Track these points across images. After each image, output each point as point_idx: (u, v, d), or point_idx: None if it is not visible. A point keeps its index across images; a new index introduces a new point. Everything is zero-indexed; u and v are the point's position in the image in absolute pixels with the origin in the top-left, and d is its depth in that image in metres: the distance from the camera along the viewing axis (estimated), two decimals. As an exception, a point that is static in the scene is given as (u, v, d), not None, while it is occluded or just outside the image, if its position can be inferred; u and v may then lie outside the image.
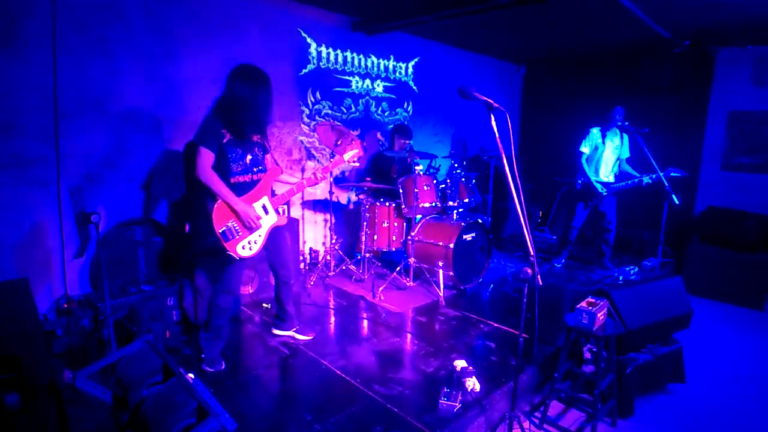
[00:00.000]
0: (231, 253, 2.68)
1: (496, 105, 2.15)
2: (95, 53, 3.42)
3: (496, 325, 3.63)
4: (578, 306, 2.78)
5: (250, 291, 4.11)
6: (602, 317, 2.82)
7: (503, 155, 2.13)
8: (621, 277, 5.00)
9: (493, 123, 2.18)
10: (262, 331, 3.41)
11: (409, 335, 3.44)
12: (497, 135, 2.15)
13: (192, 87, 3.97)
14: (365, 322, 3.68)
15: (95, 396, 2.25)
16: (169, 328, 3.00)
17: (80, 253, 2.39)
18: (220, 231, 2.65)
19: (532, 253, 2.11)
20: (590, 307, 2.75)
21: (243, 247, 2.72)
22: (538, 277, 2.15)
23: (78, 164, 3.43)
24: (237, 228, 2.70)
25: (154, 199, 3.89)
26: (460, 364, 2.85)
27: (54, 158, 3.29)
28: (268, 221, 2.84)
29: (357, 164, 3.27)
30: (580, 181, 5.11)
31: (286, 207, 4.40)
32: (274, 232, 2.90)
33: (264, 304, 3.88)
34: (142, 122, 3.74)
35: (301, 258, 4.84)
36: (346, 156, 3.08)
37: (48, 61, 3.19)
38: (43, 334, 2.54)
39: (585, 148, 4.98)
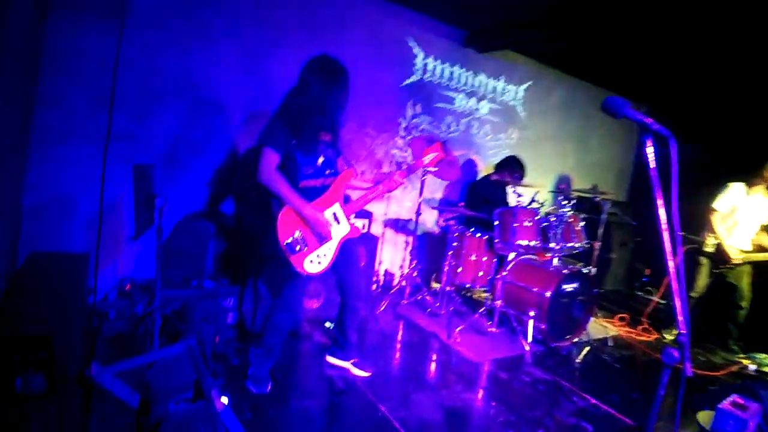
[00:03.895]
0: (297, 268, 2.34)
1: (656, 127, 1.60)
2: (199, 38, 3.36)
3: (593, 401, 2.94)
4: (721, 407, 2.10)
5: (316, 306, 3.77)
6: (752, 426, 2.10)
7: (658, 194, 1.57)
8: (750, 366, 4.03)
9: (650, 150, 1.62)
10: (319, 354, 3.03)
11: (485, 393, 2.88)
12: (652, 165, 1.61)
13: (290, 85, 3.80)
14: (435, 366, 3.17)
15: (120, 398, 1.99)
16: (221, 332, 2.72)
17: (137, 235, 2.18)
18: (286, 242, 2.32)
19: (683, 330, 1.52)
20: (737, 410, 2.06)
21: (311, 262, 2.37)
22: (688, 365, 1.55)
23: (164, 146, 3.36)
24: (305, 239, 2.37)
25: (234, 193, 3.73)
26: (549, 446, 2.26)
27: (141, 137, 3.24)
28: (340, 232, 2.48)
29: (435, 169, 2.86)
30: (710, 243, 4.26)
31: (367, 221, 4.05)
32: (346, 246, 2.53)
33: (327, 323, 3.52)
34: (234, 114, 3.62)
35: (375, 279, 4.46)
36: (426, 158, 2.67)
37: (148, 42, 3.15)
38: (86, 316, 2.37)
39: (720, 205, 4.14)
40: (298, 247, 2.35)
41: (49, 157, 2.95)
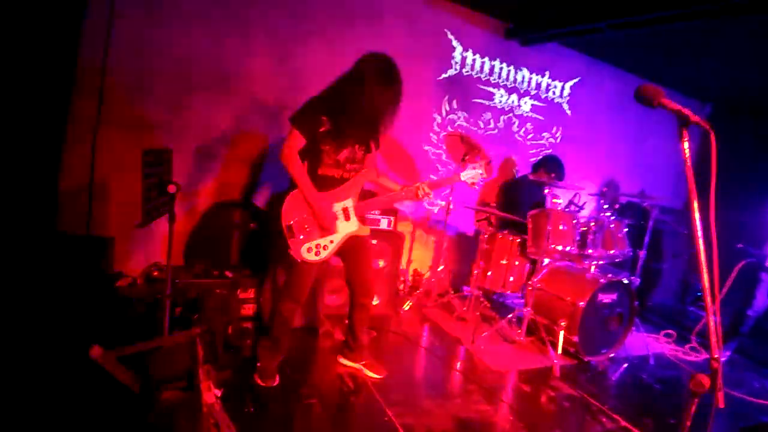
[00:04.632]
0: (292, 253, 2.30)
1: (696, 118, 1.40)
2: (234, 29, 3.37)
3: (623, 423, 2.69)
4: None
5: (337, 303, 3.71)
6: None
7: (694, 193, 1.38)
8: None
9: (686, 145, 1.43)
10: (334, 351, 2.96)
11: (505, 406, 2.70)
12: (688, 162, 1.42)
13: (324, 76, 3.74)
14: (454, 374, 3.02)
15: (121, 381, 2.00)
16: (233, 323, 2.70)
17: (143, 223, 2.18)
18: (287, 224, 2.29)
19: (716, 355, 1.31)
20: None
21: (308, 250, 2.32)
22: (720, 395, 1.34)
23: (195, 136, 3.40)
24: (306, 225, 2.32)
25: (261, 184, 3.73)
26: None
27: (175, 126, 3.29)
28: (346, 228, 2.41)
29: (476, 188, 2.66)
30: (775, 258, 3.84)
31: (392, 218, 3.94)
32: (354, 243, 2.46)
33: (347, 321, 3.45)
34: (266, 105, 3.61)
35: (401, 279, 4.34)
36: (464, 175, 2.50)
37: (185, 31, 3.20)
38: (105, 298, 2.41)
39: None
40: (297, 232, 2.32)
41: (86, 143, 3.04)
